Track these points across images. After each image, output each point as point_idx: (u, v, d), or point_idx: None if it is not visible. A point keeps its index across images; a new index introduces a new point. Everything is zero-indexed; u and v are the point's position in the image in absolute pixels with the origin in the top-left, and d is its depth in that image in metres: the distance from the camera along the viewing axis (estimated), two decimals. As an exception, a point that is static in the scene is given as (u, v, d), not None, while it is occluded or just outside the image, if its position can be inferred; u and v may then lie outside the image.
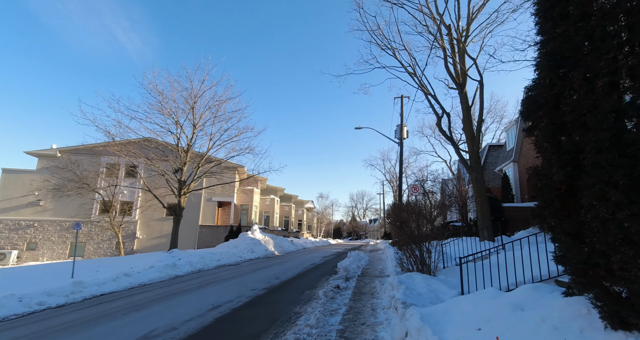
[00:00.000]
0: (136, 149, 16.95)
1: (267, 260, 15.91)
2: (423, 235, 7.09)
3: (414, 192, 10.52)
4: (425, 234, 7.00)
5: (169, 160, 16.89)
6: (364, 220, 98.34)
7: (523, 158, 18.83)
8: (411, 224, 7.15)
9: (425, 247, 7.29)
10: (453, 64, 14.57)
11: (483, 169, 24.50)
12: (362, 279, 9.41)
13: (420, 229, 7.04)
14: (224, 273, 10.78)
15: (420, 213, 7.11)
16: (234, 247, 18.70)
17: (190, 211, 25.32)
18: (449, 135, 14.34)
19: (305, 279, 9.65)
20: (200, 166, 18.16)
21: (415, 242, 7.30)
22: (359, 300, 6.53)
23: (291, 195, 46.13)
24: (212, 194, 26.45)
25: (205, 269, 11.65)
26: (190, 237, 24.95)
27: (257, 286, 8.11)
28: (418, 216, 7.01)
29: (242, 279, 9.31)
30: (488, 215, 13.23)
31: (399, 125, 20.32)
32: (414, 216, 7.01)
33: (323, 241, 42.51)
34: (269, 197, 36.31)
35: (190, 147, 17.36)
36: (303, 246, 28.39)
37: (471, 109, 14.71)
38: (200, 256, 13.90)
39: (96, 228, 21.83)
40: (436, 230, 7.52)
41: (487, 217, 13.17)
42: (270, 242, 21.00)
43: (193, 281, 8.93)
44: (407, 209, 7.21)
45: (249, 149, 18.09)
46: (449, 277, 6.87)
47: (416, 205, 7.44)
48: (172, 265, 10.42)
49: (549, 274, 5.56)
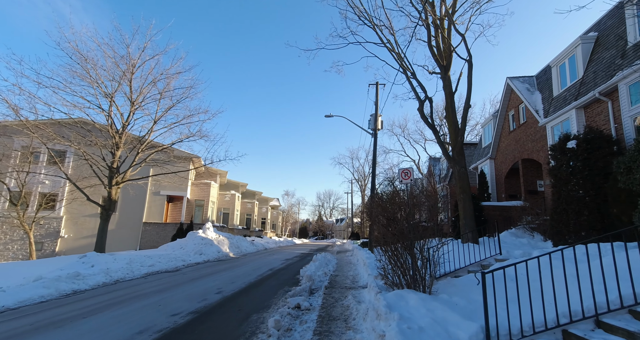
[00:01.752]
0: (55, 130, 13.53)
1: (218, 264, 13.35)
2: (420, 232, 5.12)
3: (404, 179, 8.42)
4: (424, 230, 5.05)
5: (97, 143, 13.70)
6: (331, 220, 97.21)
7: (500, 154, 17.82)
8: (401, 219, 5.17)
9: (420, 250, 5.31)
10: (437, 45, 12.94)
11: (456, 166, 23.56)
12: (330, 293, 7.30)
13: (418, 224, 5.09)
14: (149, 285, 8.17)
15: (419, 203, 5.17)
16: (179, 249, 15.85)
17: (132, 206, 21.88)
18: (430, 122, 12.69)
19: (256, 292, 7.35)
20: (140, 152, 15.11)
21: (405, 245, 5.30)
22: (329, 335, 4.38)
23: (255, 192, 43.20)
24: (161, 186, 23.16)
25: (128, 278, 8.93)
26: (131, 236, 21.51)
27: (182, 308, 5.69)
28: (416, 207, 5.05)
29: (168, 295, 6.80)
30: (471, 213, 11.68)
31: (372, 114, 18.54)
32: (408, 209, 5.03)
33: (288, 241, 40.12)
34: (229, 193, 33.27)
35: (126, 127, 14.28)
36: (264, 246, 25.88)
37: (454, 96, 13.17)
38: (128, 261, 11.06)
39: (4, 225, 17.74)
40: (437, 227, 5.59)
41: (470, 216, 11.62)
42: (224, 242, 18.32)
43: (92, 301, 6.29)
44: (396, 199, 5.21)
45: (200, 133, 15.33)
46: (453, 296, 4.92)
47: (411, 194, 5.45)
48: (74, 276, 7.62)
49: (622, 301, 3.74)
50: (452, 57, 12.67)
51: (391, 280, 5.95)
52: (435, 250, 5.42)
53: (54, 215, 19.10)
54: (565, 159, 9.20)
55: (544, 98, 13.81)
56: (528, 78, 15.73)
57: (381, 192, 5.97)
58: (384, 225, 5.37)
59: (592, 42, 11.00)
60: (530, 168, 15.27)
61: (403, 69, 12.92)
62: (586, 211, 8.48)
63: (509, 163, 16.65)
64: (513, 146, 16.23)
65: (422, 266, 5.29)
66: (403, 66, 12.85)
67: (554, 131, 12.41)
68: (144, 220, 22.22)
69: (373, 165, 17.08)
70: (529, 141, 14.57)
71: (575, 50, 11.36)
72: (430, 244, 5.67)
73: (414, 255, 5.32)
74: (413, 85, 12.83)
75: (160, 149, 15.72)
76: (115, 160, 14.03)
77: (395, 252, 5.77)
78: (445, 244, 5.60)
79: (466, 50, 11.60)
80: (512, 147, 16.32)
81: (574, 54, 11.50)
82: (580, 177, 8.73)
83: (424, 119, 12.75)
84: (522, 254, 7.65)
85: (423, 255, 5.34)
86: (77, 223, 19.62)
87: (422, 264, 5.30)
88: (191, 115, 15.70)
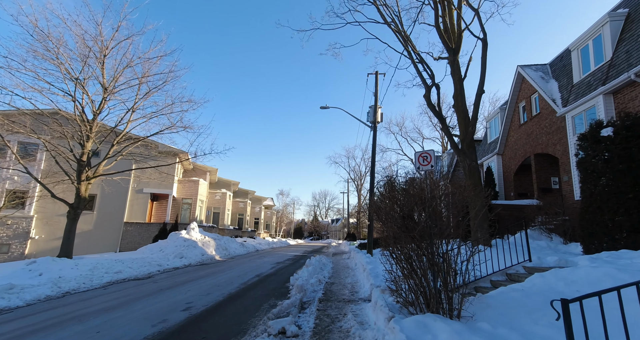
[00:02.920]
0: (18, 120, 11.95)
1: (199, 269, 11.89)
2: (449, 234, 3.77)
3: (423, 164, 6.66)
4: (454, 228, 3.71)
5: (64, 132, 12.15)
6: (326, 220, 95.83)
7: (509, 150, 16.57)
8: (427, 215, 3.81)
9: (445, 258, 3.96)
10: (445, 26, 11.62)
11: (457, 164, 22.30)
12: (325, 309, 5.91)
13: (449, 222, 3.75)
14: (104, 298, 6.71)
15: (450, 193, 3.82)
16: (158, 251, 14.35)
17: (112, 204, 20.29)
18: (437, 110, 11.37)
19: (234, 308, 5.93)
20: (115, 144, 13.59)
21: (428, 251, 3.94)
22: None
23: (247, 191, 41.64)
24: (145, 184, 21.61)
25: (82, 289, 7.44)
26: (110, 237, 19.91)
27: (127, 337, 4.26)
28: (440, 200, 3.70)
29: (119, 315, 5.36)
30: (485, 214, 10.38)
31: (372, 106, 17.20)
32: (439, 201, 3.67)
33: (281, 242, 38.62)
34: (219, 191, 31.71)
35: (97, 116, 12.75)
36: (256, 248, 24.40)
37: (463, 83, 11.86)
38: (93, 266, 9.57)
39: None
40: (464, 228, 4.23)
41: (484, 217, 10.31)
42: (210, 243, 16.83)
43: (7, 327, 4.82)
44: (417, 190, 3.82)
45: (181, 122, 13.85)
46: (497, 324, 3.54)
47: (434, 183, 4.07)
48: (5, 289, 6.09)
49: None
50: (462, 38, 11.36)
51: (405, 297, 4.58)
52: (465, 260, 4.06)
53: (22, 214, 17.44)
54: (599, 149, 7.92)
55: (561, 86, 12.56)
56: (541, 66, 14.49)
57: (394, 181, 4.57)
58: (397, 223, 4.01)
59: (622, 20, 9.75)
60: (544, 164, 14.02)
61: (408, 52, 11.59)
62: (623, 209, 7.21)
63: (519, 159, 15.40)
64: (524, 140, 14.98)
65: (450, 279, 3.93)
66: (408, 49, 11.52)
67: (575, 121, 11.15)
68: (125, 220, 20.62)
69: (372, 160, 15.74)
70: (544, 134, 13.31)
71: (602, 29, 10.11)
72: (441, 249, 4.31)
73: (438, 265, 3.95)
74: (419, 69, 11.51)
75: (139, 140, 14.21)
76: (85, 152, 12.50)
77: (409, 259, 4.40)
78: (480, 251, 4.23)
79: (480, 27, 10.30)
80: (523, 142, 15.06)
81: (599, 33, 10.24)
82: (619, 169, 7.46)
83: (431, 106, 11.43)
84: (557, 261, 6.32)
85: (449, 264, 3.97)
86: (50, 223, 17.98)
87: (450, 277, 3.93)
88: (173, 104, 14.22)
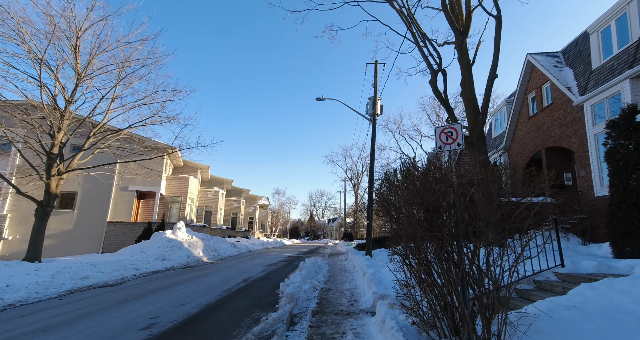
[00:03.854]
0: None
1: (182, 272, 10.77)
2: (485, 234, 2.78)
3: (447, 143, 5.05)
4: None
5: (34, 123, 10.97)
6: (323, 220, 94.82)
7: (517, 144, 15.61)
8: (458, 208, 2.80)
9: (479, 269, 2.93)
10: (452, 6, 10.60)
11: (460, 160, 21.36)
12: (319, 324, 4.84)
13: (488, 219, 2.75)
14: (53, 312, 5.59)
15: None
16: (139, 253, 13.20)
17: (94, 203, 19.07)
18: (444, 97, 10.36)
19: (209, 324, 4.84)
20: (91, 136, 12.43)
21: (456, 259, 2.91)
22: None
23: (242, 189, 40.45)
24: (130, 181, 20.38)
25: (31, 300, 6.31)
26: (92, 237, 18.69)
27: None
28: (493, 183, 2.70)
29: (58, 338, 4.25)
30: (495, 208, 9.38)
31: (371, 98, 16.15)
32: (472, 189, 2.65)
33: (277, 242, 37.50)
34: (212, 190, 30.52)
35: (70, 104, 11.57)
36: (248, 248, 23.28)
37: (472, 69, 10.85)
38: (57, 271, 8.44)
39: None
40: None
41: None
42: (198, 244, 15.70)
43: None
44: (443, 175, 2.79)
45: (165, 114, 12.72)
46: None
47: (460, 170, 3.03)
48: None
49: None
50: (471, 19, 10.35)
51: (421, 314, 3.52)
52: (508, 269, 3.02)
53: (-6, 213, 16.21)
54: (635, 137, 6.94)
55: (577, 73, 11.59)
56: (553, 54, 13.52)
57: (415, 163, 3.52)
58: (414, 219, 2.97)
59: (651, -5, 8.78)
60: (556, 158, 13.05)
61: (412, 34, 10.56)
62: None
63: (528, 153, 14.43)
64: (534, 134, 14.01)
65: (481, 297, 2.88)
66: (412, 30, 10.50)
67: (595, 110, 10.18)
68: (108, 219, 19.40)
69: (372, 154, 14.72)
70: (556, 126, 12.34)
71: (628, 7, 9.13)
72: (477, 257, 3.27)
73: (473, 277, 2.90)
74: (424, 53, 10.49)
75: (119, 132, 13.05)
76: (56, 144, 11.33)
77: (429, 266, 3.35)
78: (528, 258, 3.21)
79: (494, 4, 9.28)
80: (533, 135, 14.09)
81: (625, 12, 9.26)
82: (659, 159, 6.49)
83: (437, 93, 10.43)
84: (595, 266, 5.31)
85: (489, 276, 2.93)
86: (24, 222, 16.73)
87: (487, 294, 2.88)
88: (156, 93, 13.10)
